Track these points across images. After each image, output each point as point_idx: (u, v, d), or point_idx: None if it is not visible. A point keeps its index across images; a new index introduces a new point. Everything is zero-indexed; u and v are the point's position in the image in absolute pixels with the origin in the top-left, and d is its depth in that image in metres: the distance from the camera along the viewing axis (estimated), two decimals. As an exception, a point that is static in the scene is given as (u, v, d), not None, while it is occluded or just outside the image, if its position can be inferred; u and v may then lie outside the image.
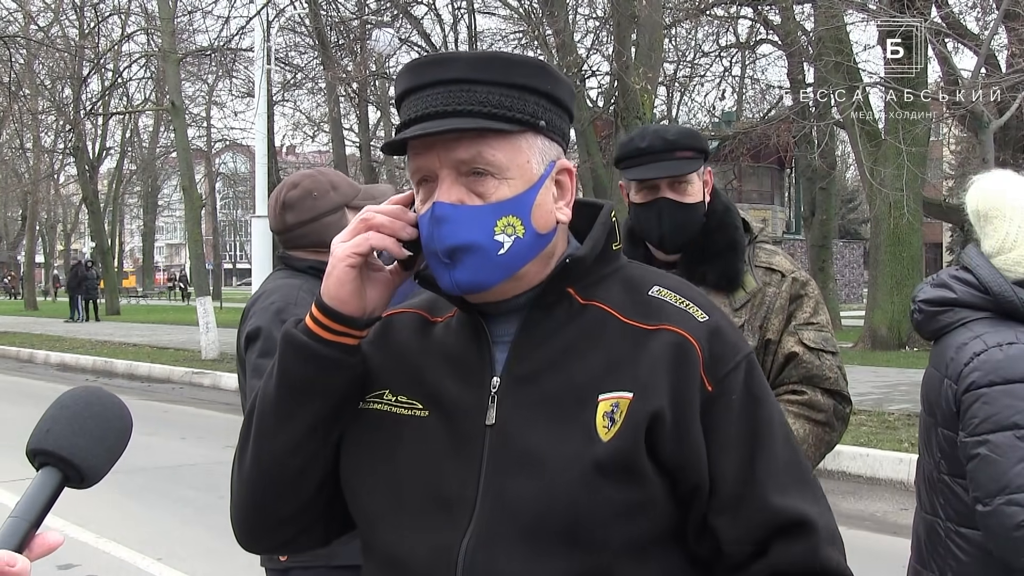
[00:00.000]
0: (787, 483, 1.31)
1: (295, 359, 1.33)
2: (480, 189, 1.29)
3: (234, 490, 1.42)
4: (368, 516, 1.35)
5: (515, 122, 1.30)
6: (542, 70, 1.35)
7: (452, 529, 1.27)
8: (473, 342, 1.36)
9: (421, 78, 1.32)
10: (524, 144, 1.32)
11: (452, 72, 1.31)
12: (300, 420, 1.34)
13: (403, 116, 1.34)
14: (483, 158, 1.28)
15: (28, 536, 1.04)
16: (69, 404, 1.13)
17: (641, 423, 1.25)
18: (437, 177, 1.30)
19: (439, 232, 1.28)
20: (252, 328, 2.53)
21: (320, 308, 1.33)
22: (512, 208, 1.29)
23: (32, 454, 1.10)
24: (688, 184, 2.50)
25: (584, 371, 1.30)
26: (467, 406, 1.32)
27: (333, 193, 2.67)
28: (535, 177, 1.32)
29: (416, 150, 1.32)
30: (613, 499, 1.24)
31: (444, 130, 1.27)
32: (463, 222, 1.28)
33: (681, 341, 1.30)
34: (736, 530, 1.29)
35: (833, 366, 2.49)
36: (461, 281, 1.29)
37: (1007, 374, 2.04)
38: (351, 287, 1.32)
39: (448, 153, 1.29)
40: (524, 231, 1.30)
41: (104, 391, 1.17)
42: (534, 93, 1.33)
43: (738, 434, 1.30)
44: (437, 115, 1.29)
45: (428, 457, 1.31)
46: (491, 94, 1.30)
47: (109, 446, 1.12)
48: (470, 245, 1.27)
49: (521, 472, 1.26)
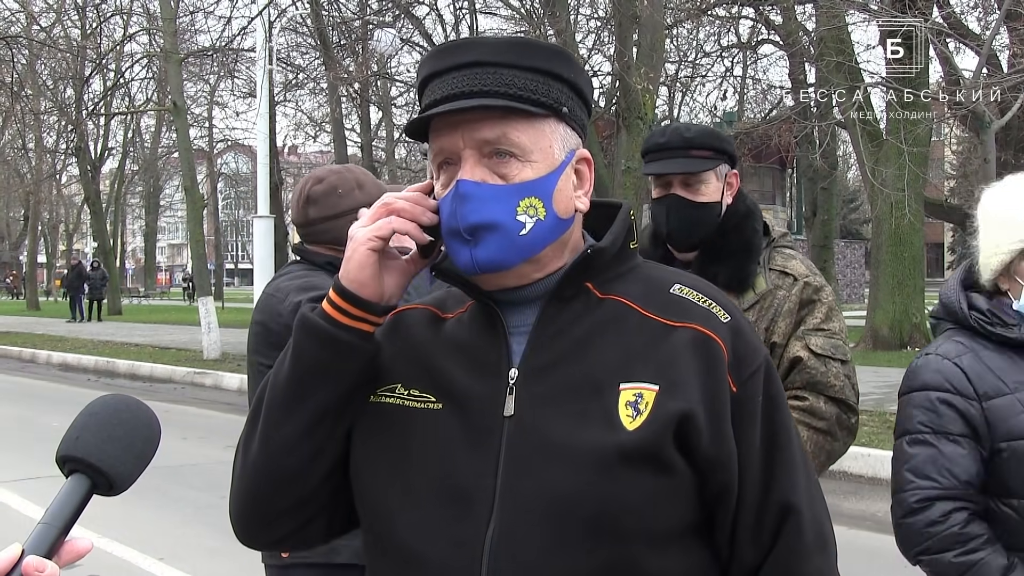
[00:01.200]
0: (801, 484, 1.35)
1: (311, 343, 1.32)
2: (503, 170, 1.30)
3: (236, 480, 1.41)
4: (380, 510, 1.34)
5: (540, 105, 1.31)
6: (566, 58, 1.37)
7: (472, 521, 1.26)
8: (488, 333, 1.35)
9: (445, 62, 1.33)
10: (547, 129, 1.33)
11: (477, 55, 1.31)
12: (311, 406, 1.33)
13: (426, 99, 1.34)
14: (508, 139, 1.29)
15: (57, 542, 1.04)
16: (98, 411, 1.13)
17: (671, 419, 1.26)
18: (460, 158, 1.31)
19: (462, 209, 1.28)
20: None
21: (339, 291, 1.33)
22: (534, 190, 1.30)
23: (62, 461, 1.10)
24: (703, 183, 2.49)
25: (603, 361, 1.30)
26: (483, 397, 1.31)
27: (358, 191, 2.66)
28: (557, 162, 1.33)
29: (440, 131, 1.32)
30: (638, 489, 1.25)
31: (472, 106, 1.28)
32: (486, 200, 1.28)
33: (708, 341, 1.31)
34: (754, 531, 1.32)
35: (840, 374, 2.44)
36: (481, 260, 1.29)
37: (911, 383, 2.17)
38: (371, 271, 1.32)
39: (473, 133, 1.29)
40: (545, 213, 1.31)
41: (133, 399, 1.17)
42: (558, 79, 1.34)
43: (760, 437, 1.32)
44: (463, 95, 1.30)
45: (443, 449, 1.31)
46: (516, 77, 1.31)
47: (138, 453, 1.13)
48: (492, 223, 1.28)
49: (543, 462, 1.26)
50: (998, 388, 2.06)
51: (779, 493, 1.32)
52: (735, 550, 1.33)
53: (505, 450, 1.28)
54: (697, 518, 1.31)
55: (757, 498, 1.31)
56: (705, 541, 1.34)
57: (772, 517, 1.32)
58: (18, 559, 1.01)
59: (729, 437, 1.29)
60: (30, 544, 1.03)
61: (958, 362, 2.10)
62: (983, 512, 2.07)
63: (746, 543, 1.33)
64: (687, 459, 1.27)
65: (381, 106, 28.21)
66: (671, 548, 1.29)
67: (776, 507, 1.32)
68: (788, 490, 1.33)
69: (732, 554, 1.34)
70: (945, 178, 35.27)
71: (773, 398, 1.35)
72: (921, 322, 16.48)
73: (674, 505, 1.28)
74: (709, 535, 1.34)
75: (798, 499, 1.33)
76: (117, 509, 6.59)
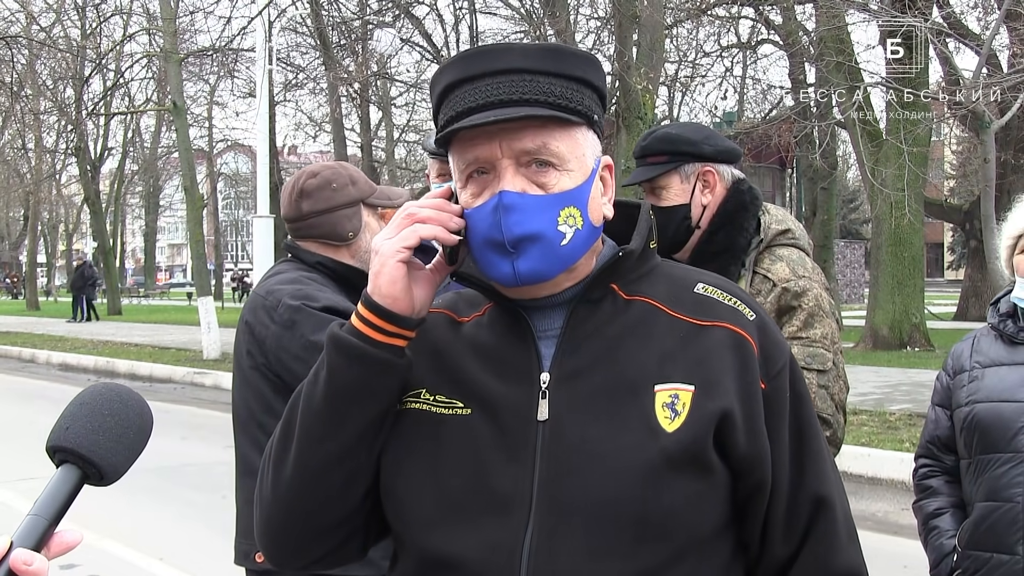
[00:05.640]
0: (831, 477, 1.39)
1: (346, 363, 1.29)
2: (542, 180, 1.29)
3: (267, 504, 1.36)
4: (410, 518, 1.32)
5: (576, 113, 1.31)
6: (597, 65, 1.36)
7: (510, 526, 1.25)
8: (515, 337, 1.34)
9: (475, 68, 1.30)
10: (580, 136, 1.32)
11: (511, 62, 1.30)
12: (351, 426, 1.30)
13: (456, 106, 1.31)
14: (548, 148, 1.28)
15: (46, 534, 1.02)
16: (89, 401, 1.11)
17: (710, 419, 1.26)
18: (495, 168, 1.29)
19: (507, 220, 1.26)
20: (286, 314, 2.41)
21: (371, 308, 1.29)
22: (573, 199, 1.29)
23: (51, 451, 1.08)
24: (663, 188, 2.48)
25: (636, 363, 1.30)
26: (515, 402, 1.30)
27: (351, 187, 2.64)
28: (589, 170, 1.33)
29: (474, 139, 1.29)
30: (680, 491, 1.25)
31: (520, 116, 1.26)
32: (530, 211, 1.27)
33: (741, 340, 1.31)
34: (786, 526, 1.34)
35: (814, 384, 2.33)
36: (523, 271, 1.27)
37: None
38: (402, 284, 1.29)
39: (512, 143, 1.28)
40: (583, 223, 1.30)
41: (124, 388, 1.15)
42: (589, 87, 1.33)
43: (789, 432, 1.34)
44: (501, 103, 1.27)
45: (475, 455, 1.29)
46: (554, 85, 1.30)
47: (129, 444, 1.10)
48: (537, 234, 1.26)
49: (582, 466, 1.25)
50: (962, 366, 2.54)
51: (810, 487, 1.34)
52: (766, 546, 1.35)
53: (541, 454, 1.27)
54: (729, 517, 1.32)
55: (789, 493, 1.33)
56: (735, 539, 1.35)
57: (805, 511, 1.34)
58: (6, 552, 0.98)
59: (763, 435, 1.30)
60: (19, 536, 1.01)
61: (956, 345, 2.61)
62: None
63: (777, 538, 1.34)
64: (724, 459, 1.28)
65: (381, 106, 28.20)
66: (707, 549, 1.29)
67: (808, 501, 1.34)
68: (819, 484, 1.35)
69: (762, 550, 1.35)
70: (945, 178, 35.26)
71: (799, 394, 1.37)
72: (921, 322, 16.48)
73: (712, 506, 1.29)
74: (738, 533, 1.35)
75: (829, 492, 1.36)
76: (117, 509, 6.60)
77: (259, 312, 2.49)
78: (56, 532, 1.03)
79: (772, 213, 2.57)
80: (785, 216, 2.60)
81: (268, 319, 2.46)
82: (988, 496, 2.39)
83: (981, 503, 2.41)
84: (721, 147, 2.54)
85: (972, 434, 2.44)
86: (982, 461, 2.42)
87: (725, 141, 2.59)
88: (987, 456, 2.41)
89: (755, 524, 1.34)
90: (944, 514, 2.53)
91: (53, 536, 1.03)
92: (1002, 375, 2.45)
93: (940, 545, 2.50)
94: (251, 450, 2.42)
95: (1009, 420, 2.38)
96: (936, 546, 2.52)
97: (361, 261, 2.63)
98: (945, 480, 2.57)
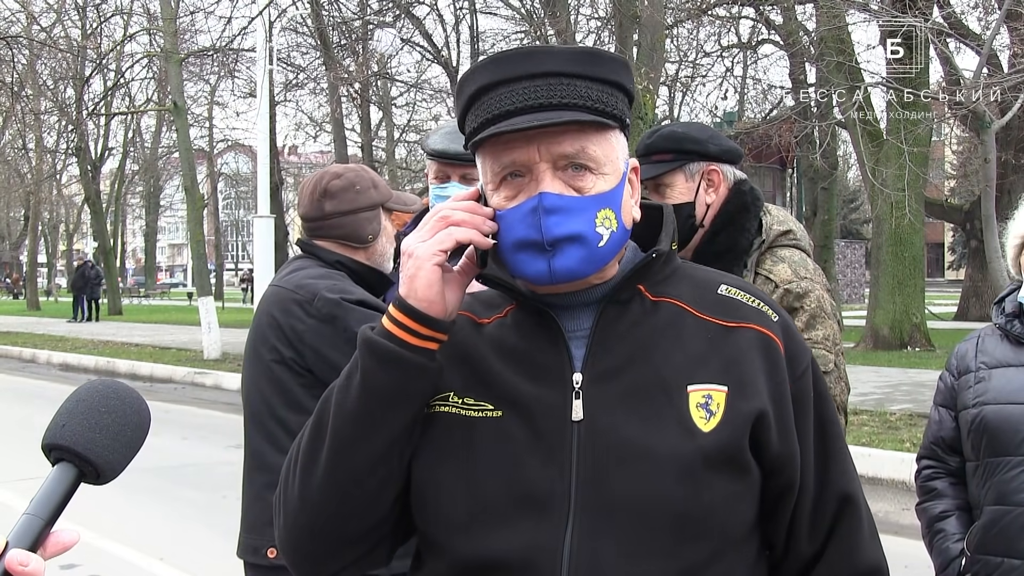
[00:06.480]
0: (854, 474, 1.41)
1: (381, 367, 1.28)
2: (579, 183, 1.30)
3: (294, 512, 1.35)
4: (443, 521, 1.31)
5: (612, 118, 1.32)
6: (629, 68, 1.37)
7: (549, 526, 1.25)
8: (544, 339, 1.34)
9: (511, 71, 1.31)
10: (614, 140, 1.34)
11: (547, 65, 1.30)
12: (385, 431, 1.29)
13: (492, 109, 1.30)
14: (586, 152, 1.29)
15: (43, 534, 1.00)
16: (85, 398, 1.09)
17: (746, 420, 1.28)
18: (531, 171, 1.30)
19: (547, 221, 1.27)
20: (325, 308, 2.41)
21: (406, 311, 1.28)
22: (608, 201, 1.31)
23: (47, 449, 1.06)
24: (667, 187, 2.49)
25: (668, 363, 1.31)
26: (548, 404, 1.30)
27: (373, 191, 2.66)
28: (621, 173, 1.34)
29: (509, 143, 1.30)
30: (717, 490, 1.26)
31: (564, 121, 1.26)
32: (571, 212, 1.28)
33: (768, 340, 1.33)
34: (812, 523, 1.36)
35: None
36: (559, 270, 1.28)
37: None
38: (438, 287, 1.29)
39: (551, 146, 1.28)
40: (617, 224, 1.31)
41: (122, 384, 1.12)
42: (621, 90, 1.34)
43: (814, 431, 1.36)
44: (540, 107, 1.28)
45: (509, 457, 1.29)
46: (591, 89, 1.31)
47: (126, 441, 1.08)
48: (578, 235, 1.28)
49: (620, 466, 1.26)
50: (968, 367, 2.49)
51: (835, 485, 1.37)
52: (791, 543, 1.37)
53: (577, 455, 1.27)
54: (755, 517, 1.34)
55: (815, 492, 1.36)
56: (762, 537, 1.36)
57: (830, 509, 1.37)
58: (2, 552, 0.96)
59: (793, 434, 1.32)
60: (14, 536, 0.99)
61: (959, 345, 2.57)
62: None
63: (803, 537, 1.36)
64: (757, 459, 1.30)
65: (381, 106, 28.19)
66: (741, 547, 1.31)
67: (834, 499, 1.37)
68: (844, 481, 1.38)
69: (788, 547, 1.37)
70: (945, 178, 35.27)
71: (821, 393, 1.39)
72: (921, 322, 16.48)
73: (748, 504, 1.30)
74: (763, 532, 1.37)
75: (853, 489, 1.39)
76: (117, 509, 6.60)
77: (289, 306, 2.47)
78: (53, 532, 1.01)
79: (774, 214, 2.58)
80: (786, 217, 2.60)
81: (303, 313, 2.45)
82: (998, 500, 2.36)
83: (991, 507, 2.38)
84: (725, 147, 2.55)
85: (980, 436, 2.41)
86: (991, 464, 2.39)
87: (728, 141, 2.60)
88: (996, 459, 2.38)
89: (782, 523, 1.35)
90: (950, 517, 2.50)
91: (49, 536, 1.01)
92: (1009, 376, 2.43)
93: (946, 549, 2.47)
94: (264, 444, 2.44)
95: (1018, 422, 2.36)
96: (942, 549, 2.49)
97: (376, 263, 2.66)
98: (950, 482, 2.54)
